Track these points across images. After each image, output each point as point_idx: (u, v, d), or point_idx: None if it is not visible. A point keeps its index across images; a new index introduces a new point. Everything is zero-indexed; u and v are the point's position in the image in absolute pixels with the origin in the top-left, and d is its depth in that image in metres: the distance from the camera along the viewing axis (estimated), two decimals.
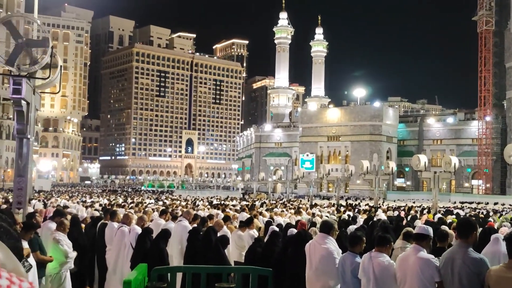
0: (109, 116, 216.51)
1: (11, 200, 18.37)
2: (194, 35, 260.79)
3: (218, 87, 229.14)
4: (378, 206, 34.49)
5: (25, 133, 10.77)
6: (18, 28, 10.71)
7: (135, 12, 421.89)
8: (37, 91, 11.68)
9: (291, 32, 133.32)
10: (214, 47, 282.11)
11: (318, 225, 11.94)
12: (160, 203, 31.16)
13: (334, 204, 36.51)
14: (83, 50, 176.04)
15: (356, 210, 25.68)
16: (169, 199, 39.90)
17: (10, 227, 2.48)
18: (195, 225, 11.43)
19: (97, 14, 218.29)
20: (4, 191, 61.36)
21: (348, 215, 19.04)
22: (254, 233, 11.70)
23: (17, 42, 10.29)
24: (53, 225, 9.66)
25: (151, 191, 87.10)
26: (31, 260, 7.33)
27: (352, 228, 12.51)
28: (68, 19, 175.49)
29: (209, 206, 25.22)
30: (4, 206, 19.27)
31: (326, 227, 7.48)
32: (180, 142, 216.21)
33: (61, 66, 12.58)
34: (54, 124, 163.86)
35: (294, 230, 9.83)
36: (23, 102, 10.31)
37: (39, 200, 28.08)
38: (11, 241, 1.70)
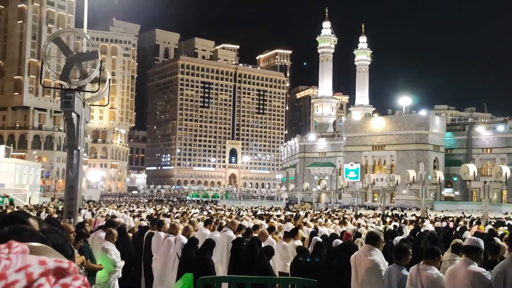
0: (155, 127, 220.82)
1: (61, 210, 18.97)
2: (238, 46, 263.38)
3: (261, 97, 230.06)
4: (425, 216, 33.67)
5: (75, 145, 11.11)
6: (69, 43, 11.11)
7: (180, 25, 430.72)
8: (86, 103, 12.06)
9: (334, 41, 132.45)
10: (257, 57, 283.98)
11: (363, 236, 11.77)
12: (205, 213, 31.42)
13: (379, 214, 35.86)
14: (130, 63, 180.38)
15: (403, 220, 25.15)
16: (214, 209, 40.17)
17: (63, 239, 2.57)
18: (240, 235, 11.47)
19: (143, 27, 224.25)
20: (56, 201, 63.34)
21: (394, 226, 18.68)
22: (299, 243, 11.63)
23: (68, 57, 10.67)
24: (103, 235, 9.89)
25: (195, 201, 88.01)
26: None
27: (398, 239, 12.25)
28: (116, 33, 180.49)
29: (253, 217, 25.14)
30: (55, 215, 19.93)
31: (372, 239, 7.36)
32: (224, 152, 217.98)
33: (109, 79, 12.95)
34: (102, 135, 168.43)
35: (339, 241, 9.73)
36: (74, 115, 10.66)
37: (88, 210, 28.81)
38: (25, 238, 1.75)
